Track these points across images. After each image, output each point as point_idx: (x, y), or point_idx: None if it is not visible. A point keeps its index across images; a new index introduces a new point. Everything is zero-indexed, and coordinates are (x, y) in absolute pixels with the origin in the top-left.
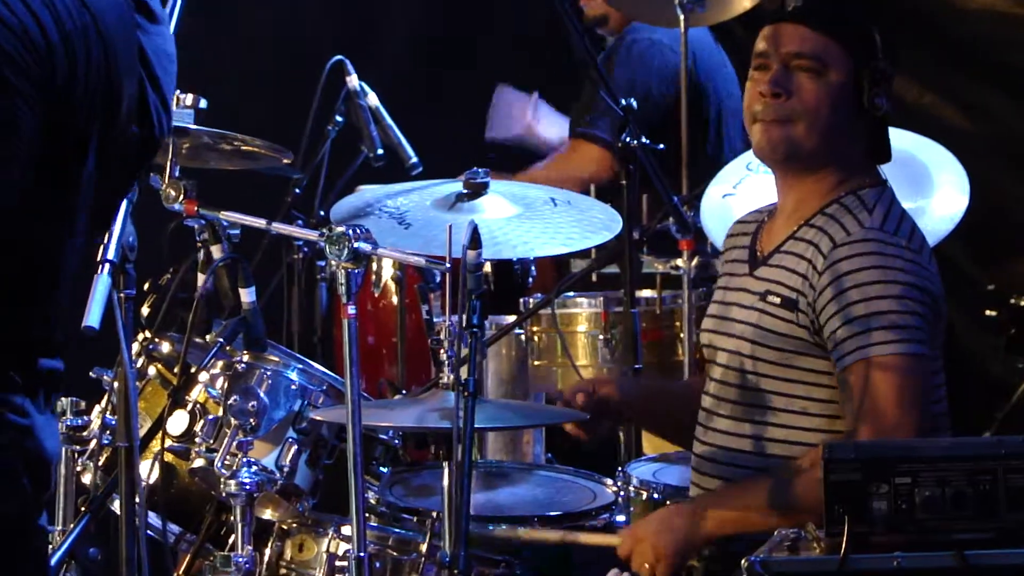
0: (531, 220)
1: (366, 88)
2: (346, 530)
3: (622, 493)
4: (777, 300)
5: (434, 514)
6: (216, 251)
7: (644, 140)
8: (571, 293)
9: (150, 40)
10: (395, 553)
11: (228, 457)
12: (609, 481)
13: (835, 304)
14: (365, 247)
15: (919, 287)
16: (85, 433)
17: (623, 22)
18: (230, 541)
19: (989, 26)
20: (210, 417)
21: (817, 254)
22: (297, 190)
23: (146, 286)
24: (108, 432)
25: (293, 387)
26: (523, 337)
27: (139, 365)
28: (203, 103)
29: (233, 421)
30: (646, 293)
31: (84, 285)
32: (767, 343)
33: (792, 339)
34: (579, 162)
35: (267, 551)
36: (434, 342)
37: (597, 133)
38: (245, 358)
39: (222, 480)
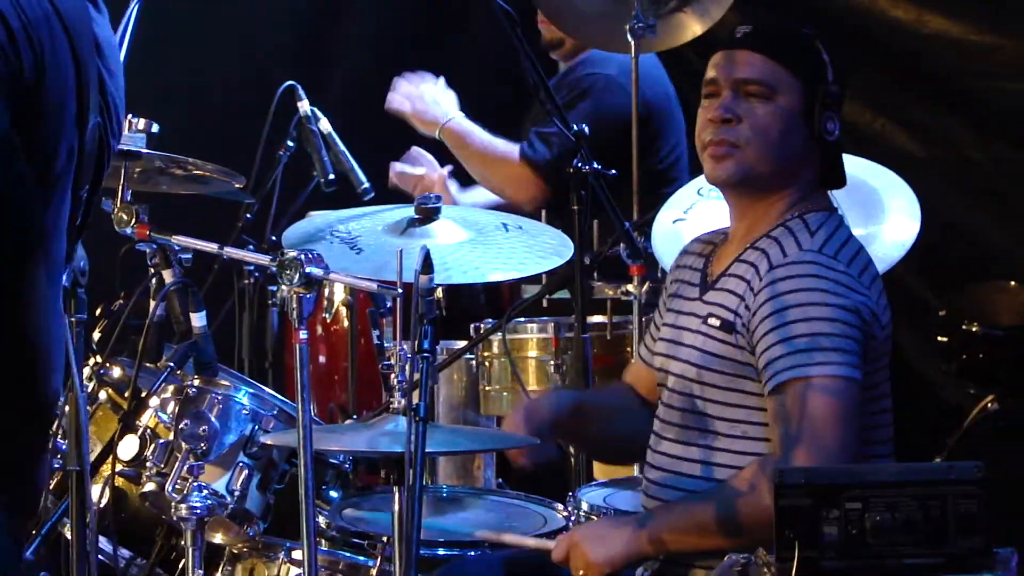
0: (483, 245)
1: (318, 113)
2: (297, 554)
3: (572, 518)
4: (717, 323)
5: (385, 538)
6: (167, 276)
7: (596, 166)
8: (522, 319)
9: (101, 30)
10: None
11: (179, 481)
12: (560, 506)
13: (766, 324)
14: (317, 272)
15: (852, 310)
16: None
17: (578, 47)
18: (180, 565)
19: (944, 51)
20: (161, 441)
21: (756, 276)
22: (248, 215)
23: (98, 311)
24: (59, 456)
25: (244, 411)
26: (474, 363)
27: (90, 390)
28: (155, 127)
29: (184, 445)
30: (597, 319)
31: None
32: (710, 367)
33: (732, 362)
34: (515, 180)
35: (217, 575)
36: (385, 367)
37: (538, 160)
38: (196, 382)
39: (173, 504)
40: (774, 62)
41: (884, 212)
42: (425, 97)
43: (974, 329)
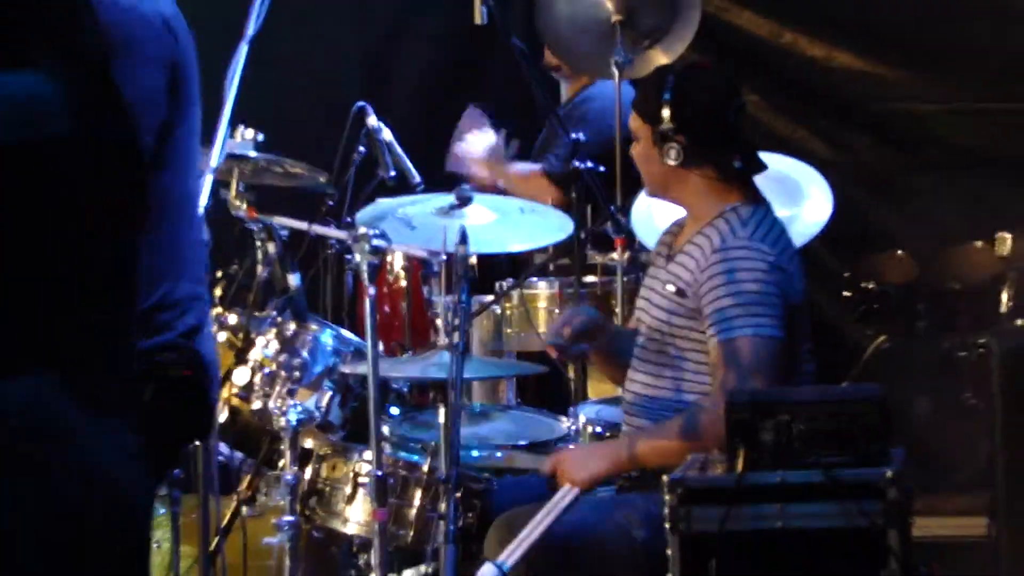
0: (505, 224)
1: (382, 125)
2: (367, 455)
3: (573, 427)
4: (673, 289)
5: (433, 443)
6: (271, 247)
7: (589, 164)
8: (534, 279)
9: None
10: (404, 472)
11: (279, 401)
12: (563, 418)
13: (713, 293)
14: (382, 243)
15: (775, 282)
16: None
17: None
18: (280, 464)
19: (848, 79)
20: (266, 371)
21: (702, 255)
22: (330, 202)
23: (219, 274)
24: None
25: (328, 348)
26: (498, 311)
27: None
28: (260, 136)
29: (283, 374)
30: (590, 278)
31: None
32: (671, 322)
33: (686, 318)
34: (541, 189)
35: (308, 471)
36: (433, 314)
37: (554, 172)
38: (292, 326)
39: (275, 418)
40: (635, 112)
41: (804, 198)
42: (479, 163)
43: (871, 287)
